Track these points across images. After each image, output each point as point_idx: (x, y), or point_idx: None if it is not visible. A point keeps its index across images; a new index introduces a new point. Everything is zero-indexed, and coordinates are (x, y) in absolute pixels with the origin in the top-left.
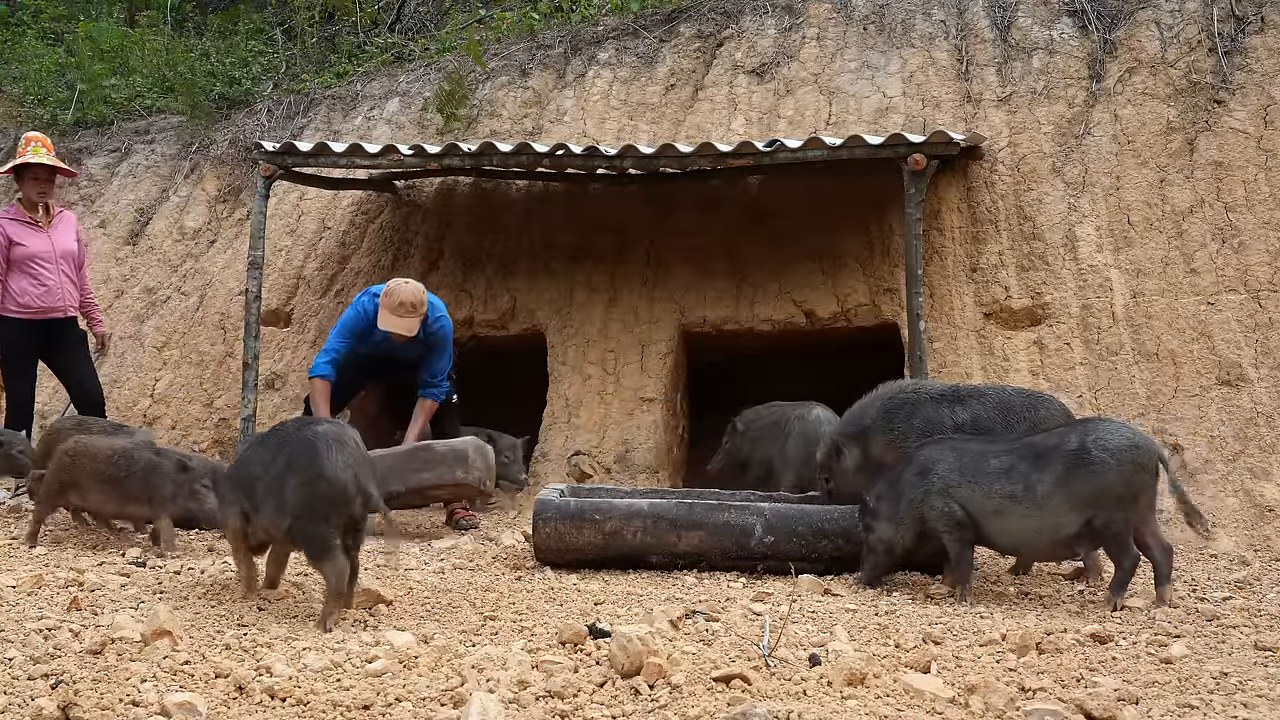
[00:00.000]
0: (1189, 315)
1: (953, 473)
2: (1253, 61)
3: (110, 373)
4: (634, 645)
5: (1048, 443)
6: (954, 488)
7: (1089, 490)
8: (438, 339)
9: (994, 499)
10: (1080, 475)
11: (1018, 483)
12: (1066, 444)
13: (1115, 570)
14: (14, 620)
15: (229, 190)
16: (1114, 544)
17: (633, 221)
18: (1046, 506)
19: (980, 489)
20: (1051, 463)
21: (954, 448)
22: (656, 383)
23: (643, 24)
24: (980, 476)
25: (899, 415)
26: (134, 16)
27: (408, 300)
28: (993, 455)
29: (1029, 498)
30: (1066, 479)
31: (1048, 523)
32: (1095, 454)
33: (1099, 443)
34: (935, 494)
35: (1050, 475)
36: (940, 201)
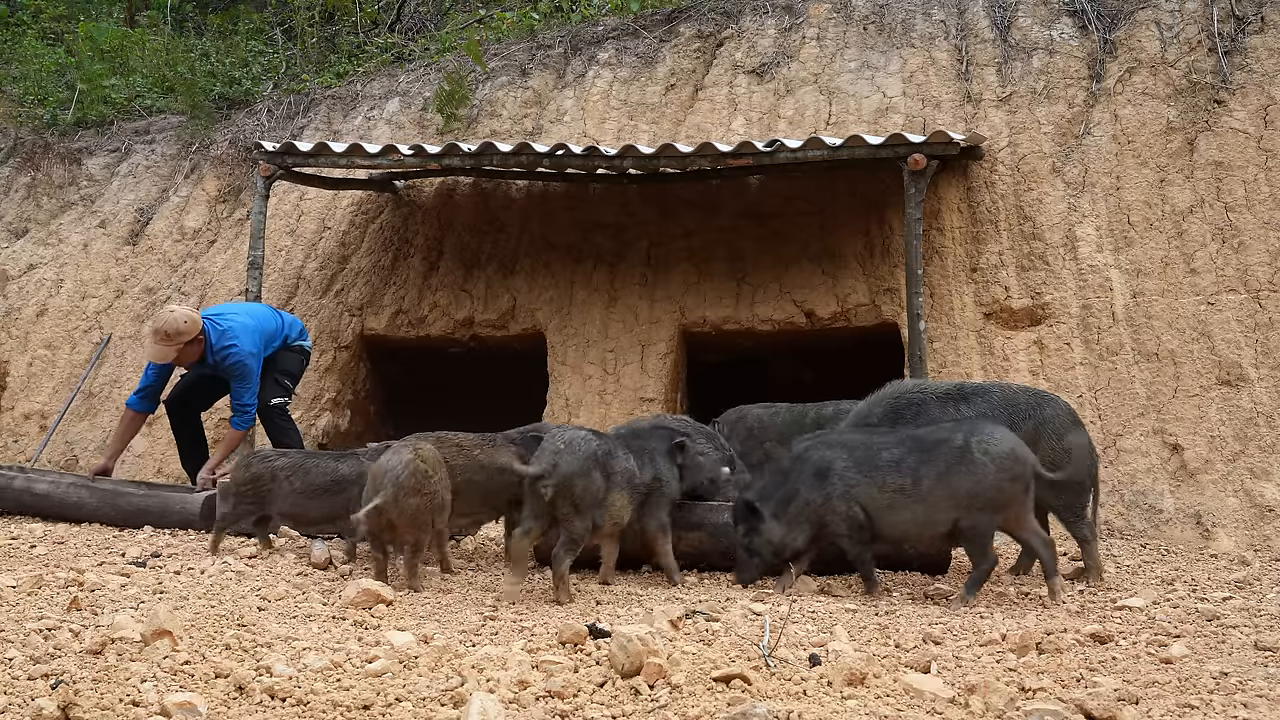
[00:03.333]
0: (1189, 315)
1: (851, 471)
2: (1253, 61)
3: (110, 373)
4: (634, 645)
5: (935, 437)
6: (854, 487)
7: (965, 490)
8: (227, 368)
9: (887, 492)
10: (960, 474)
11: (906, 475)
12: (953, 441)
13: (973, 569)
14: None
15: (229, 190)
16: (975, 546)
17: (633, 221)
18: (928, 500)
19: (875, 483)
20: (937, 458)
21: (844, 445)
22: (656, 383)
23: (643, 24)
24: (874, 471)
25: (905, 415)
26: (134, 16)
27: (160, 328)
28: (883, 448)
29: (915, 490)
30: (948, 475)
31: (928, 516)
32: (977, 456)
33: (982, 445)
34: (838, 498)
35: (934, 470)
36: (940, 201)
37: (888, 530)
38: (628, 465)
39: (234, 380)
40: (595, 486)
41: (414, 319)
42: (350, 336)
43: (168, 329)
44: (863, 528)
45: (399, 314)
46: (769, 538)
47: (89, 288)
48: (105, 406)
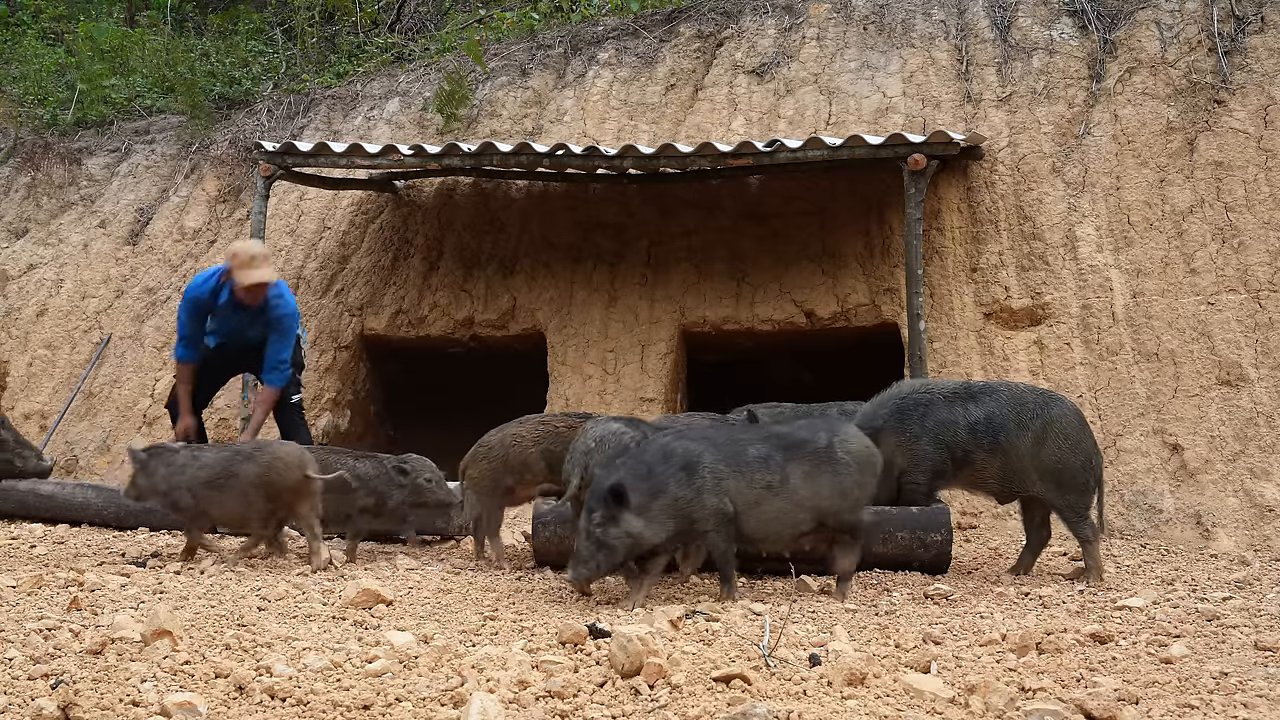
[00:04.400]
0: (1189, 315)
1: (720, 464)
2: (1253, 61)
3: (110, 373)
4: (634, 645)
5: (797, 435)
6: (724, 480)
7: (829, 488)
8: (275, 318)
9: (755, 489)
10: (825, 473)
11: (775, 472)
12: (816, 440)
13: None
14: (14, 620)
15: (229, 190)
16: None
17: (633, 221)
18: (794, 499)
19: (744, 479)
20: (802, 456)
21: (709, 439)
22: (656, 383)
23: (643, 24)
24: (743, 466)
25: (912, 416)
26: (134, 16)
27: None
28: (749, 444)
29: (783, 488)
30: (814, 474)
31: (793, 515)
32: (840, 455)
33: (844, 444)
34: (709, 492)
35: (800, 468)
36: (940, 201)
37: (753, 529)
38: None
39: (275, 333)
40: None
41: (414, 319)
42: (350, 336)
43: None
44: (730, 521)
45: (399, 314)
46: (628, 529)
47: (89, 288)
48: (105, 406)
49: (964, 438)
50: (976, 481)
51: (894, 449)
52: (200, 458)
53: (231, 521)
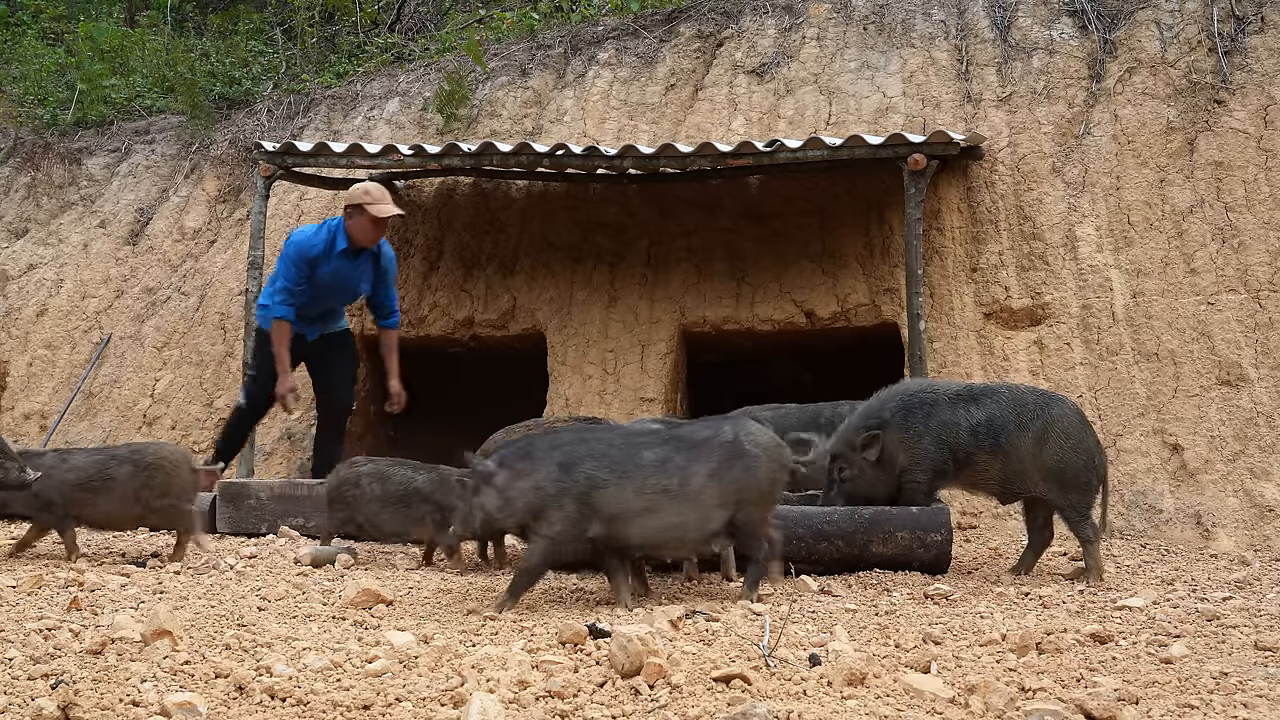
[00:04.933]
0: (1189, 315)
1: (601, 469)
2: (1253, 61)
3: (110, 373)
4: (634, 645)
5: (698, 435)
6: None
7: (739, 485)
8: (387, 264)
9: (646, 494)
10: (735, 469)
11: (674, 476)
12: (721, 436)
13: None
14: (14, 620)
15: (229, 190)
16: (750, 540)
17: (633, 221)
18: (699, 500)
19: (633, 484)
20: (707, 455)
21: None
22: (656, 383)
23: (643, 24)
24: (633, 470)
25: (916, 415)
26: (134, 16)
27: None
28: (644, 447)
29: (684, 491)
30: (721, 472)
31: (697, 517)
32: (749, 449)
33: (751, 438)
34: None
35: (704, 468)
36: (940, 201)
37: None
38: None
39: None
40: None
41: (414, 319)
42: None
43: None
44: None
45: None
46: (484, 503)
47: (89, 288)
48: (105, 406)
49: (966, 439)
50: (978, 482)
51: (897, 446)
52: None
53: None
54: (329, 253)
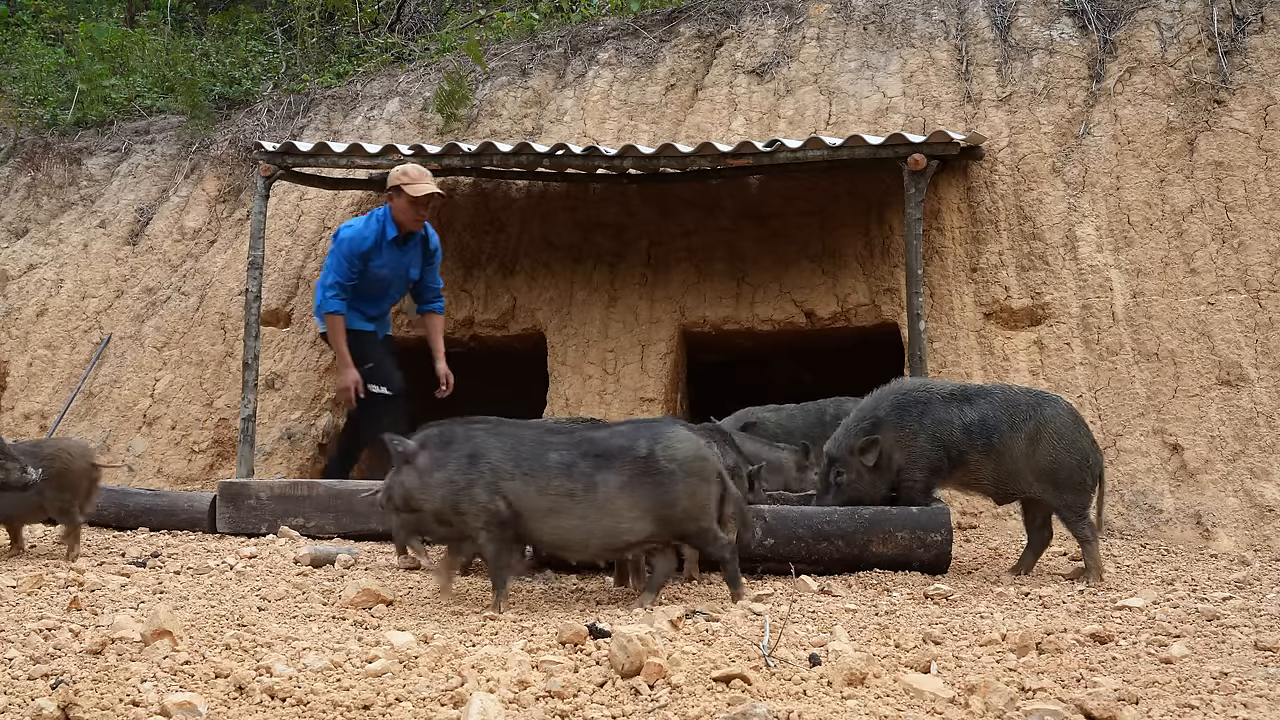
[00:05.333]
0: (1189, 315)
1: (506, 464)
2: (1253, 61)
3: (110, 373)
4: (634, 645)
5: (613, 443)
6: (505, 481)
7: (655, 501)
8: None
9: (549, 495)
10: (648, 483)
11: (578, 480)
12: (636, 449)
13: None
14: (14, 620)
15: (229, 190)
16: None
17: (633, 221)
18: (607, 509)
19: (535, 484)
20: (618, 465)
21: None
22: (656, 383)
23: (643, 24)
24: (536, 471)
25: (911, 413)
26: (134, 16)
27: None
28: (552, 449)
29: (589, 498)
30: (634, 485)
31: (604, 525)
32: (664, 465)
33: (669, 453)
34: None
35: (616, 478)
36: (940, 201)
37: (550, 536)
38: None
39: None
40: None
41: (414, 319)
42: None
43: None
44: (505, 525)
45: (398, 314)
46: (405, 482)
47: (89, 288)
48: (105, 406)
49: (959, 438)
50: (970, 482)
51: (893, 445)
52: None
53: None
54: (380, 244)
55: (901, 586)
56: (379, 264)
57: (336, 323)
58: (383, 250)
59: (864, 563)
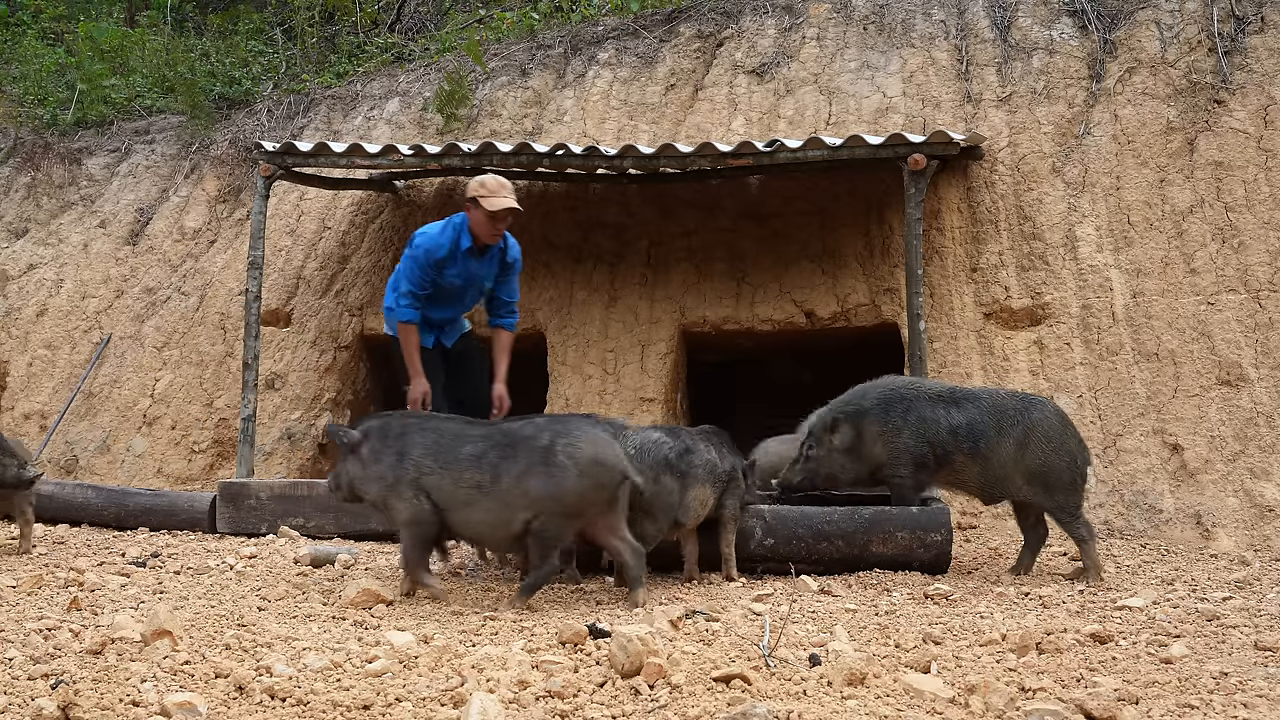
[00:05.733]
0: (1189, 315)
1: (427, 459)
2: (1253, 61)
3: (110, 373)
4: (634, 645)
5: (522, 433)
6: (426, 476)
7: (542, 492)
8: (513, 259)
9: (463, 488)
10: (539, 475)
11: (486, 472)
12: (539, 440)
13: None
14: (14, 620)
15: (229, 190)
16: (539, 548)
17: (633, 221)
18: (505, 499)
19: (451, 478)
20: (520, 456)
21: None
22: (656, 383)
23: (643, 24)
24: (452, 465)
25: (896, 409)
26: (134, 16)
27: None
28: (468, 442)
29: (495, 488)
30: (527, 475)
31: (503, 516)
32: (560, 459)
33: (568, 449)
34: (406, 484)
35: (515, 468)
36: (940, 201)
37: (462, 528)
38: (709, 457)
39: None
40: (665, 492)
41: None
42: (350, 336)
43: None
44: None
45: None
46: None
47: (89, 288)
48: (105, 406)
49: (945, 438)
50: (956, 483)
51: (874, 438)
52: None
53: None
54: (454, 253)
55: (901, 586)
56: (453, 273)
57: (408, 333)
58: (457, 260)
59: (864, 563)
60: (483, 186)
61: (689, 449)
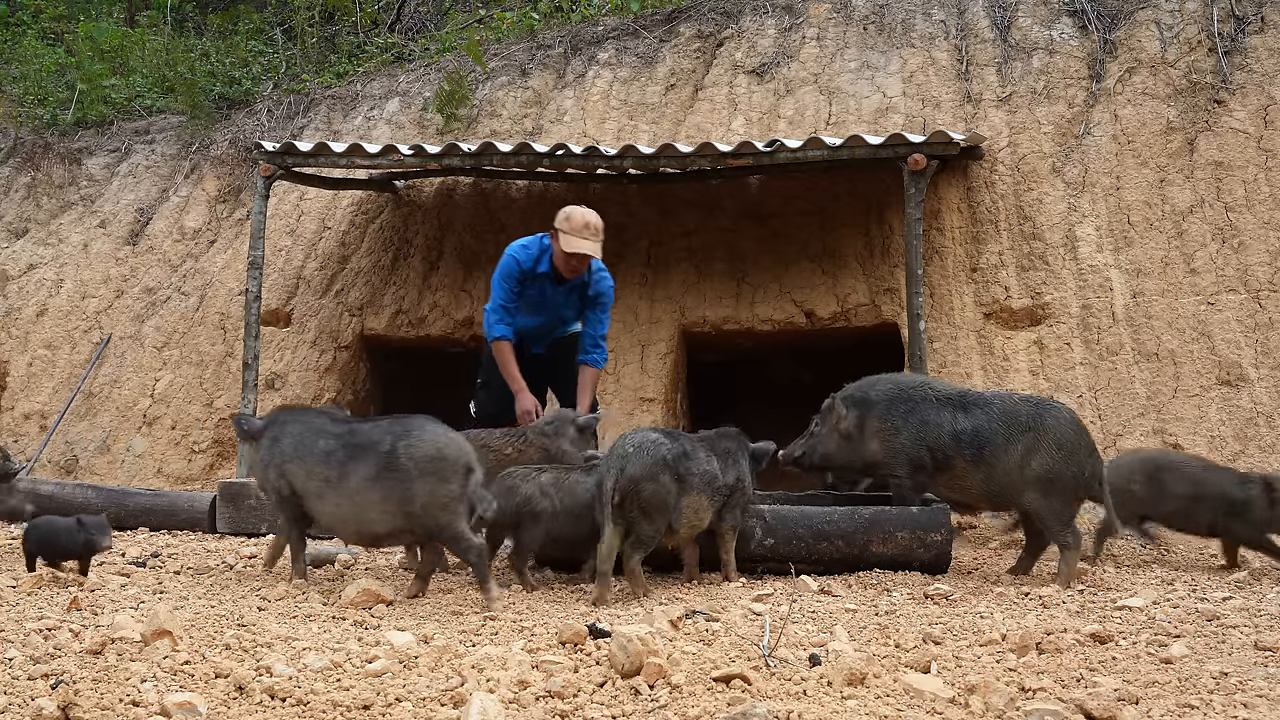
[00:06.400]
0: (1189, 315)
1: (289, 448)
2: (1253, 61)
3: (110, 373)
4: (634, 645)
5: (371, 436)
6: (287, 464)
7: (397, 496)
8: (599, 292)
9: (314, 480)
10: (391, 479)
11: (334, 468)
12: (381, 444)
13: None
14: (14, 620)
15: (229, 190)
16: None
17: (633, 221)
18: (357, 499)
19: (305, 468)
20: (367, 458)
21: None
22: (656, 383)
23: (643, 24)
24: (306, 456)
25: (898, 409)
26: (134, 16)
27: (593, 222)
28: (323, 437)
29: (342, 485)
30: (380, 479)
31: (356, 514)
32: (403, 462)
33: (409, 451)
34: (273, 469)
35: (363, 470)
36: (940, 201)
37: (321, 519)
38: (708, 468)
39: (600, 310)
40: (664, 491)
41: (414, 319)
42: (350, 336)
43: (598, 223)
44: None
45: (399, 314)
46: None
47: (89, 288)
48: (105, 406)
49: (947, 443)
50: (956, 488)
51: (873, 433)
52: None
53: None
54: (533, 272)
55: (901, 586)
56: (532, 291)
57: (501, 350)
58: (535, 280)
59: (864, 563)
60: (566, 220)
61: (687, 454)
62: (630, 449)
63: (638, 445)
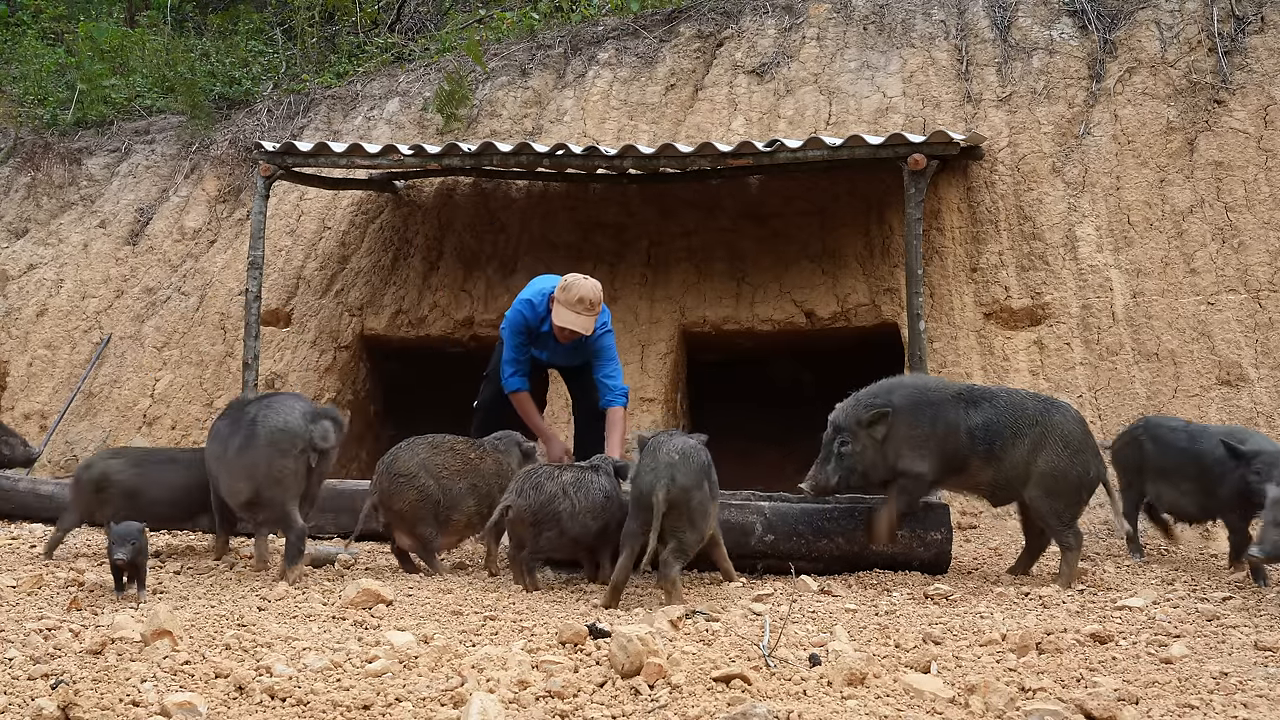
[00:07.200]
0: (1189, 315)
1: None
2: (1253, 61)
3: (110, 373)
4: (634, 645)
5: (247, 413)
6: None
7: (247, 464)
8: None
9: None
10: (246, 450)
11: (221, 445)
12: (247, 416)
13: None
14: (14, 620)
15: (229, 190)
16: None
17: (633, 221)
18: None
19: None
20: (238, 431)
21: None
22: (656, 383)
23: (643, 24)
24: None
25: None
26: (134, 16)
27: (587, 296)
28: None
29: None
30: (242, 450)
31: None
32: (259, 432)
33: (265, 422)
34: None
35: (235, 442)
36: (940, 201)
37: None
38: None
39: (603, 360)
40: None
41: (414, 319)
42: (350, 336)
43: (594, 297)
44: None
45: (399, 314)
46: None
47: (89, 288)
48: (105, 406)
49: (963, 441)
50: (968, 485)
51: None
52: None
53: None
54: (538, 330)
55: (901, 586)
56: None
57: (521, 401)
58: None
59: (864, 561)
60: (564, 291)
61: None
62: (676, 456)
63: (682, 452)
